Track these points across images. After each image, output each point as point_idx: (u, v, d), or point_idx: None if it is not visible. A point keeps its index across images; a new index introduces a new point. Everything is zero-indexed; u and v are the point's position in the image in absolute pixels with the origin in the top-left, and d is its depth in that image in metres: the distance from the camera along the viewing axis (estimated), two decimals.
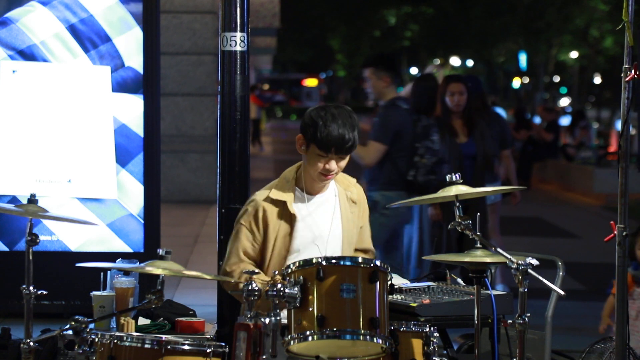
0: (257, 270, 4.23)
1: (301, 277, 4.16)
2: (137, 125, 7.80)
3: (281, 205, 4.79)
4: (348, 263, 4.21)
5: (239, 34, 5.94)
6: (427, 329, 4.41)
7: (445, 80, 8.89)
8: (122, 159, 7.78)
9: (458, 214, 4.47)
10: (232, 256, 4.80)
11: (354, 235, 4.93)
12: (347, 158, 4.80)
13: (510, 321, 4.38)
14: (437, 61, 54.72)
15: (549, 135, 22.68)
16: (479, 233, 4.49)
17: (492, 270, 6.03)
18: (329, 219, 4.85)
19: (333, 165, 4.74)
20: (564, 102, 52.82)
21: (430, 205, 8.53)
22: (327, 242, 4.83)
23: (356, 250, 5.00)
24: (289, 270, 4.21)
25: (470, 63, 55.36)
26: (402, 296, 4.95)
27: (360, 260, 4.24)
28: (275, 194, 4.80)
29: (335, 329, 4.10)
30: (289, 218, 4.79)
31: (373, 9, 50.83)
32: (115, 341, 4.21)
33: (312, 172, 4.78)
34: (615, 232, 5.14)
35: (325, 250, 4.81)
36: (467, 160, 8.54)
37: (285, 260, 4.76)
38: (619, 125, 5.60)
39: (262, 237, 4.78)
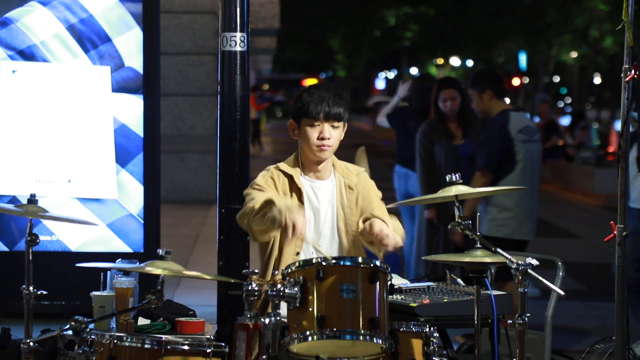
0: (257, 270, 4.23)
1: (301, 277, 4.16)
2: (137, 125, 7.80)
3: (289, 178, 4.86)
4: (348, 263, 4.21)
5: (239, 34, 5.94)
6: (427, 329, 4.41)
7: (437, 84, 8.83)
8: (122, 159, 7.78)
9: (458, 214, 4.47)
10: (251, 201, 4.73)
11: (353, 223, 4.94)
12: (340, 129, 4.86)
13: (510, 321, 4.38)
14: (436, 62, 54.72)
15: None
16: (478, 233, 4.49)
17: (492, 271, 6.04)
18: (325, 205, 4.88)
19: (326, 132, 4.80)
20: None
21: (426, 208, 8.53)
22: (322, 226, 4.86)
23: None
24: (289, 271, 4.21)
25: (470, 63, 55.33)
26: (402, 296, 4.95)
27: (360, 260, 4.24)
28: (284, 167, 4.89)
29: (335, 329, 4.09)
30: (296, 192, 4.83)
31: (373, 9, 50.80)
32: (115, 341, 4.21)
33: (309, 148, 4.83)
34: (615, 232, 5.14)
35: (316, 234, 4.83)
36: (464, 161, 8.55)
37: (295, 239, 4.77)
38: (618, 125, 5.61)
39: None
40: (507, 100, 9.28)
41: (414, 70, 59.16)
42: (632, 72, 5.08)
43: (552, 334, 5.95)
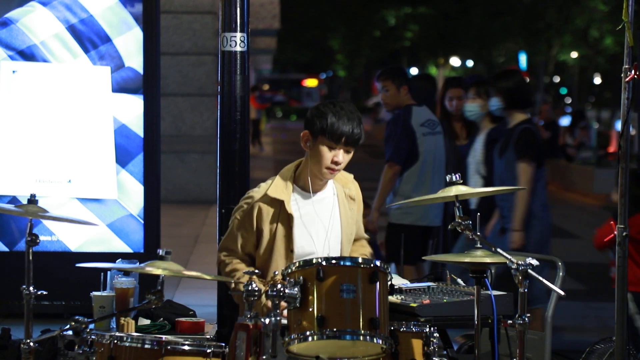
0: (257, 271, 4.22)
1: (301, 278, 4.16)
2: (137, 125, 7.80)
3: (278, 205, 4.79)
4: (348, 263, 4.21)
5: (239, 34, 5.94)
6: (427, 329, 4.41)
7: (445, 83, 8.92)
8: (122, 159, 7.78)
9: (458, 214, 4.47)
10: (227, 247, 4.90)
11: (353, 232, 4.95)
12: (352, 153, 4.83)
13: (510, 321, 4.38)
14: (437, 61, 54.71)
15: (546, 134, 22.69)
16: (478, 233, 4.49)
17: (492, 271, 6.04)
18: (327, 216, 4.86)
19: (341, 157, 4.76)
20: None
21: None
22: (326, 239, 4.84)
23: (355, 241, 5.04)
24: (289, 271, 4.21)
25: (470, 63, 55.33)
26: (402, 296, 4.95)
27: (360, 260, 4.24)
28: (273, 192, 4.80)
29: (335, 329, 4.09)
30: (286, 218, 4.79)
31: (373, 9, 50.76)
32: (115, 341, 4.21)
33: (318, 167, 4.78)
34: (615, 232, 5.14)
35: (324, 248, 4.81)
36: (466, 161, 8.53)
37: (288, 259, 4.77)
38: (618, 125, 5.60)
39: (255, 235, 4.81)
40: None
41: (414, 71, 59.12)
42: (632, 72, 5.08)
43: (552, 334, 5.94)
